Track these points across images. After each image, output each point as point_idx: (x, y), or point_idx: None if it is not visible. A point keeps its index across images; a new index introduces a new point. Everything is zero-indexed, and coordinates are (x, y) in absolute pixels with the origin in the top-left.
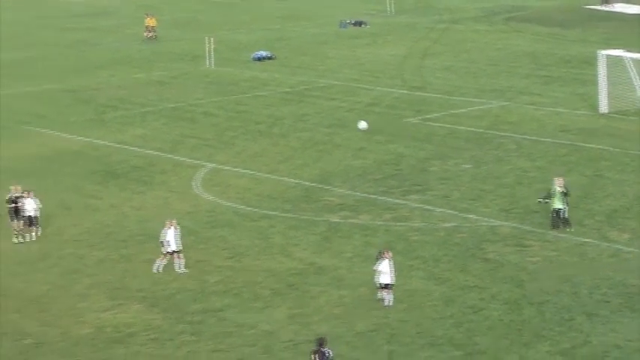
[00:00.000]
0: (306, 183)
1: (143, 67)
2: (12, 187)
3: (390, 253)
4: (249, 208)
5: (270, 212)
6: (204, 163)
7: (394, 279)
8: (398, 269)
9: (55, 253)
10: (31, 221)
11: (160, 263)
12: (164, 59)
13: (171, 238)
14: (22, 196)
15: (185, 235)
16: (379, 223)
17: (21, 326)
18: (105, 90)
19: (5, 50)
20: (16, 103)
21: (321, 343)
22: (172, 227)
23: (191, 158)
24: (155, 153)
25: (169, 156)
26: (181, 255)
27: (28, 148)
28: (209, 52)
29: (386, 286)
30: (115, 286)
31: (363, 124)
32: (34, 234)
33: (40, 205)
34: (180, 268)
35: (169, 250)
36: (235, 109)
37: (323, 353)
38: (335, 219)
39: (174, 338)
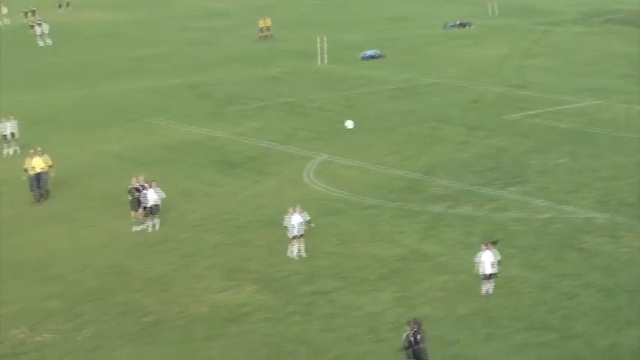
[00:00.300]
0: (411, 174)
1: (259, 65)
2: (134, 178)
3: (490, 244)
4: (357, 198)
5: (378, 201)
6: (315, 155)
7: (497, 268)
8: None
9: (175, 236)
10: (151, 210)
11: (291, 248)
12: (278, 57)
13: (295, 222)
14: (144, 186)
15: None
16: (480, 213)
17: (143, 304)
18: (223, 85)
19: (133, 48)
20: (142, 97)
21: (417, 323)
22: (296, 213)
23: (304, 150)
24: (270, 145)
25: (283, 148)
26: (302, 240)
27: (152, 139)
28: (321, 50)
29: (489, 277)
30: (231, 269)
31: (349, 123)
32: (155, 223)
33: (164, 196)
34: (299, 252)
35: (294, 234)
36: (345, 104)
37: (418, 334)
38: (438, 209)
39: (286, 318)
